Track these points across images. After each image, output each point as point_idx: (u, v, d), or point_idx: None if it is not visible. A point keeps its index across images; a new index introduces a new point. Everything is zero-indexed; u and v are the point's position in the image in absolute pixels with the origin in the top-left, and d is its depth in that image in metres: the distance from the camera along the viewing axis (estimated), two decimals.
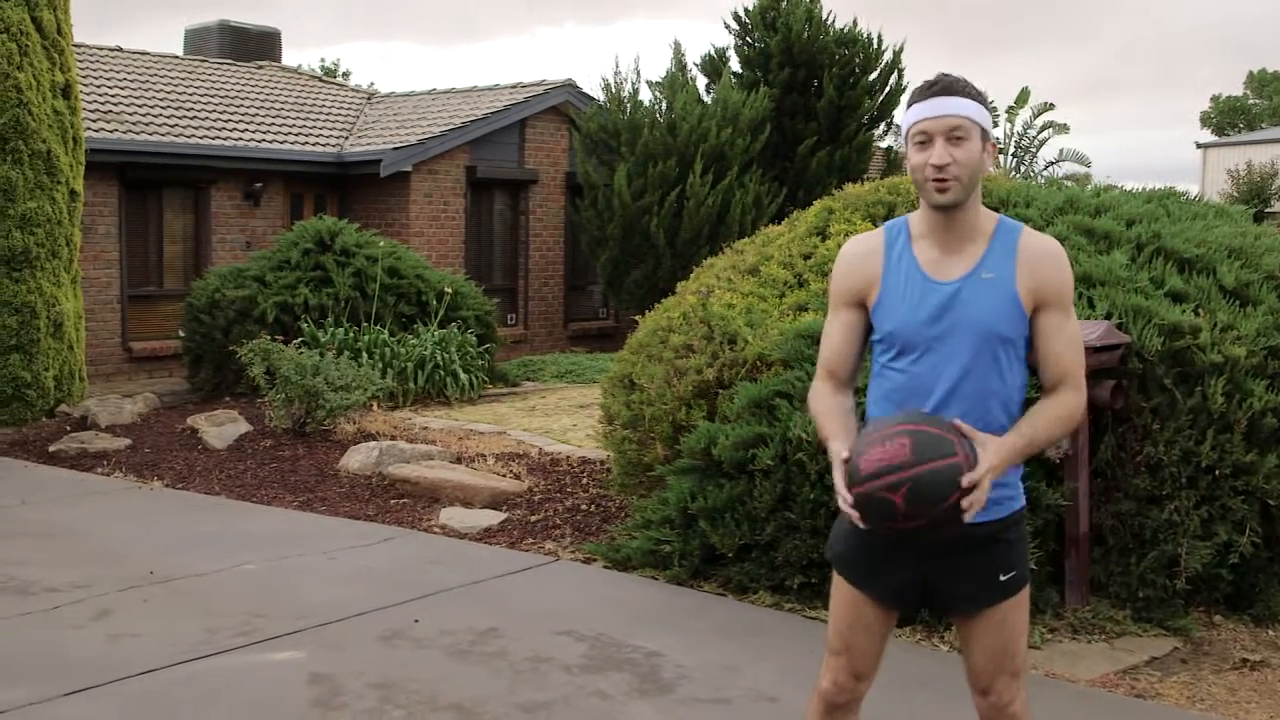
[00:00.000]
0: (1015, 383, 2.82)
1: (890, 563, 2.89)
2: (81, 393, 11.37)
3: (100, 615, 5.39)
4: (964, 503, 2.61)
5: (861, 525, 2.70)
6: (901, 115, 2.97)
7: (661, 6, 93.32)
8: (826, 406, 2.92)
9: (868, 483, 2.62)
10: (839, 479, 2.71)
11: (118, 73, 16.37)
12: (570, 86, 17.36)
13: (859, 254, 2.94)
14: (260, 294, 12.12)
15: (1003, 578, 2.85)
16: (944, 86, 2.77)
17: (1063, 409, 2.79)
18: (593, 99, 16.64)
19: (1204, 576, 5.33)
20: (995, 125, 33.17)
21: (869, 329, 2.95)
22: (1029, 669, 3.03)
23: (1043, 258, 2.80)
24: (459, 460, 8.57)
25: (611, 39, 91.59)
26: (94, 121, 13.88)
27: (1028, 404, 2.87)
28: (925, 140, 2.76)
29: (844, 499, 2.68)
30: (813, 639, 5.00)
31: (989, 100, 2.92)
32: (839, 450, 2.74)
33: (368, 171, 15.57)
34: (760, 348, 6.02)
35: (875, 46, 16.62)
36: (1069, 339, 2.81)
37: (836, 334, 2.98)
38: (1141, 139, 79.30)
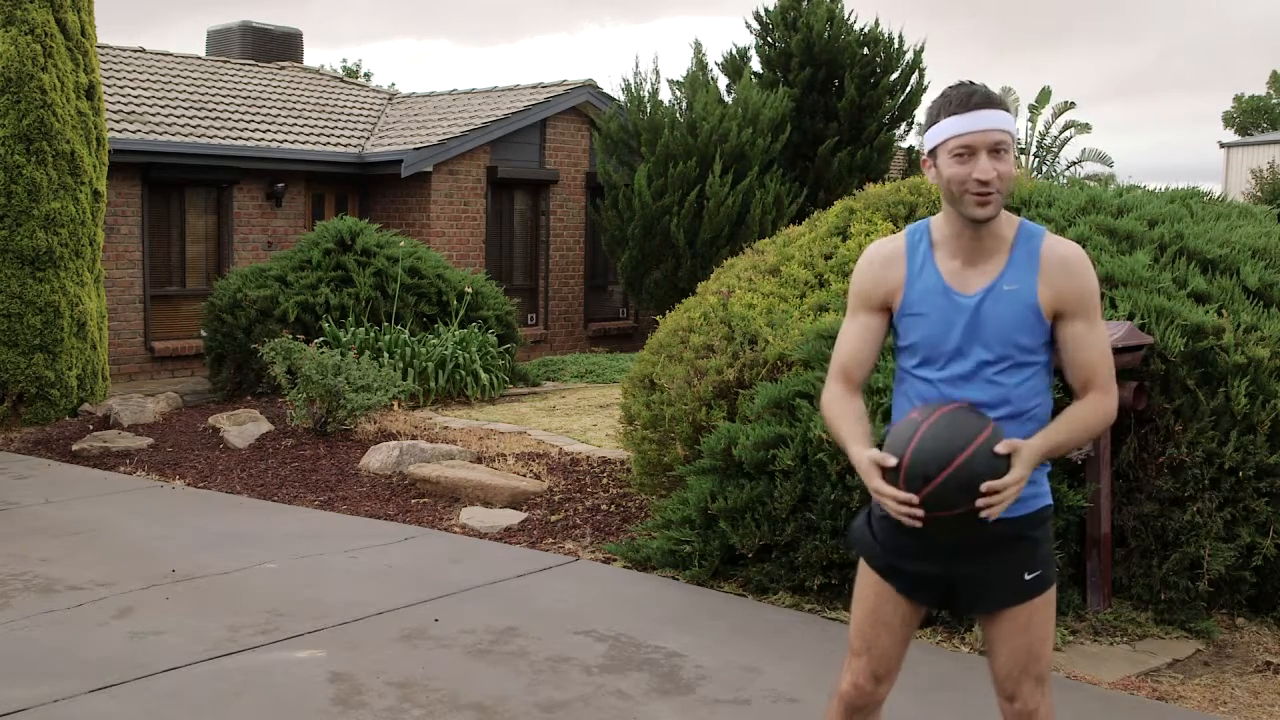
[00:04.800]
0: (1040, 387, 2.84)
1: (915, 560, 2.89)
2: (104, 392, 11.45)
3: (123, 613, 5.42)
4: (982, 505, 2.63)
5: (918, 522, 2.68)
6: (921, 115, 2.96)
7: (701, 4, 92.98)
8: (841, 410, 2.92)
9: (950, 464, 2.63)
10: (887, 486, 2.69)
11: (140, 74, 16.46)
12: (590, 87, 17.39)
13: (881, 259, 2.94)
14: (282, 294, 12.17)
15: (1028, 576, 2.85)
16: (984, 99, 2.75)
17: (1090, 412, 2.80)
18: (613, 99, 16.65)
19: (1226, 579, 5.30)
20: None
21: (887, 333, 2.96)
22: (1051, 671, 3.01)
23: (1064, 266, 2.80)
24: (479, 460, 8.59)
25: (652, 36, 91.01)
26: (117, 122, 13.97)
27: (1056, 406, 2.89)
28: (966, 153, 2.73)
29: (903, 499, 2.66)
30: (833, 640, 5.00)
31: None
32: (867, 455, 2.73)
33: (389, 172, 15.63)
34: (781, 348, 6.02)
35: (896, 46, 16.58)
36: (1094, 346, 2.81)
37: (855, 337, 2.97)
38: (1174, 138, 79.00)
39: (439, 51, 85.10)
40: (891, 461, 2.68)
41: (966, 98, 2.75)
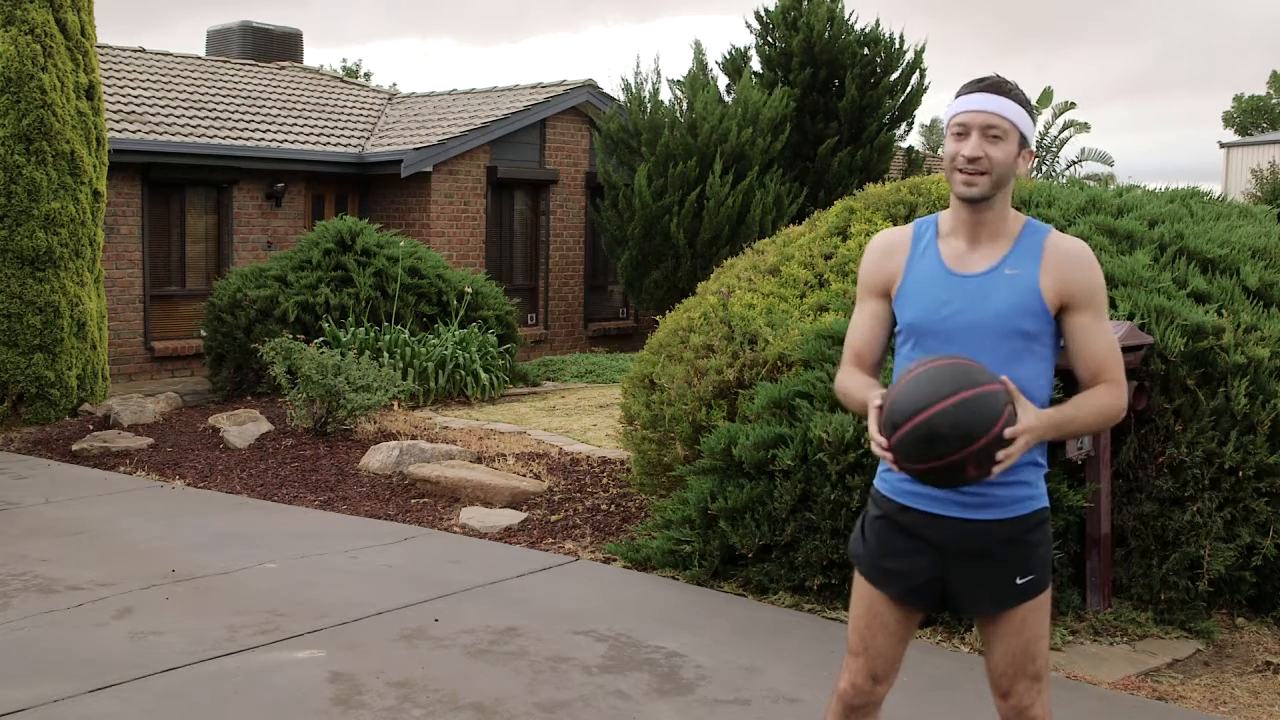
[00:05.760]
0: (1038, 380, 2.83)
1: (909, 562, 2.89)
2: (104, 392, 11.44)
3: (123, 613, 5.42)
4: (999, 455, 2.58)
5: (895, 468, 2.68)
6: (922, 115, 2.99)
7: (703, 3, 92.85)
8: (856, 380, 2.94)
9: (912, 418, 2.60)
10: (873, 427, 2.68)
11: (140, 73, 16.46)
12: (590, 87, 17.39)
13: (885, 246, 2.99)
14: (282, 294, 12.17)
15: (1020, 581, 2.84)
16: (992, 85, 2.82)
17: (1102, 401, 2.79)
18: (613, 99, 16.66)
19: (1226, 579, 5.30)
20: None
21: (894, 319, 2.97)
22: (1050, 671, 3.01)
23: (1069, 258, 2.81)
24: (479, 460, 8.59)
25: (654, 36, 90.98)
26: (117, 122, 13.96)
27: (1053, 404, 2.86)
28: (962, 132, 2.80)
29: (879, 443, 2.66)
30: (833, 640, 5.00)
31: (1034, 108, 2.93)
32: (873, 398, 2.72)
33: (389, 172, 15.63)
34: (781, 348, 6.02)
35: (897, 46, 16.59)
36: (1102, 338, 2.81)
37: (863, 322, 3.02)
38: (1175, 138, 79.27)
39: (443, 51, 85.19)
40: (878, 402, 2.69)
41: (978, 83, 2.84)
